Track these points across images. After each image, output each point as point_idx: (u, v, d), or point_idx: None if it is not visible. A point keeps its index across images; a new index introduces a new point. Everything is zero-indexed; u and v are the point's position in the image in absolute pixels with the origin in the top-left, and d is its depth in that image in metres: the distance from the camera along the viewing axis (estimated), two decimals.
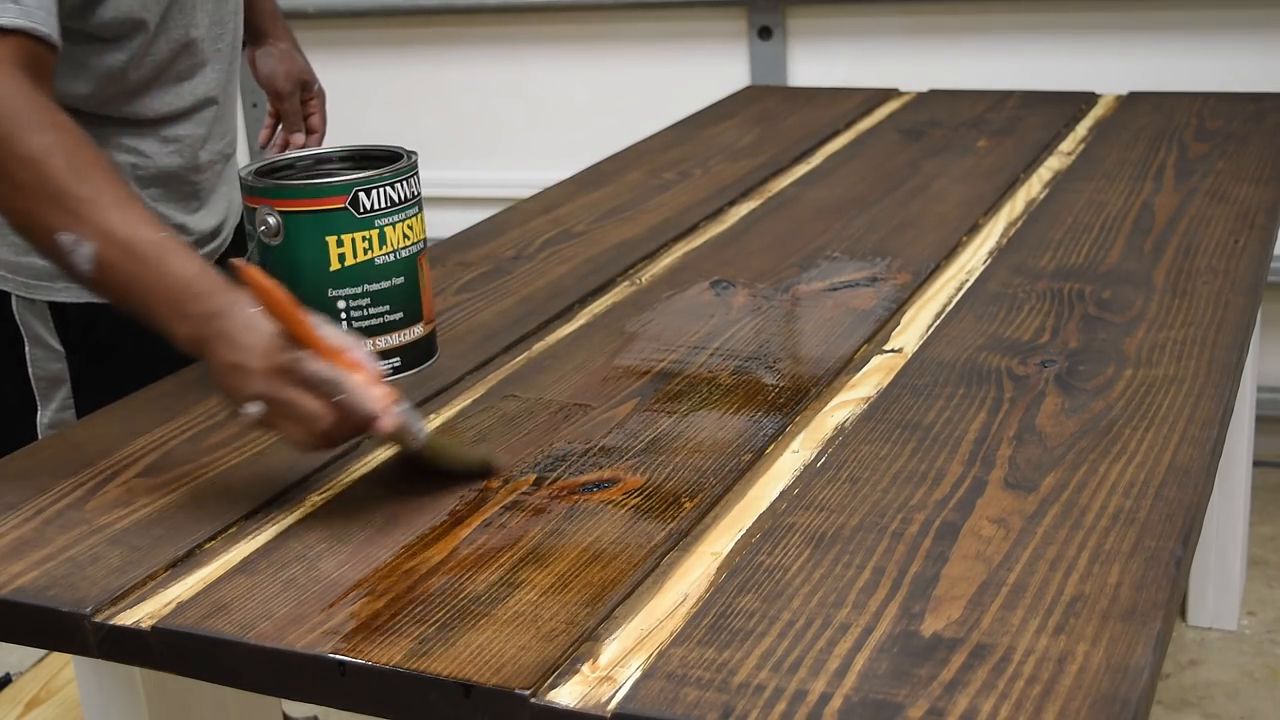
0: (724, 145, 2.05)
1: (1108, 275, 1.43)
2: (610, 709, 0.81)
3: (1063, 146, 1.94)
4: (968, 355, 1.26)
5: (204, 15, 1.43)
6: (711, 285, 1.48)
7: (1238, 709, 2.10)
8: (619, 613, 0.90)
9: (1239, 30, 2.56)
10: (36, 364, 1.43)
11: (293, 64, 1.70)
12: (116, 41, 1.35)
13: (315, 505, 1.06)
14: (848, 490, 1.03)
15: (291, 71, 1.69)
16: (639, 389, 1.23)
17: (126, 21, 1.33)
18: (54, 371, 1.43)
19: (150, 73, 1.40)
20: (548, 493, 1.06)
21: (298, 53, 1.71)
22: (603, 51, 2.94)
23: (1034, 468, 1.05)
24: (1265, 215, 1.59)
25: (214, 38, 1.46)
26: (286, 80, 1.68)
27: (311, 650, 0.88)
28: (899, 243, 1.57)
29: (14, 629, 0.97)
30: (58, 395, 1.44)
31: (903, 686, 0.81)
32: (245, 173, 1.25)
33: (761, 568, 0.94)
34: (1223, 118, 2.03)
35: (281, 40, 1.70)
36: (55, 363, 1.43)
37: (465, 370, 1.29)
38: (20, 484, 1.12)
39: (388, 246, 1.24)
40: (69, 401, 1.44)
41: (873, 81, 2.53)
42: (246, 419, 1.02)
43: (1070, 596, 0.88)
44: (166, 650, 0.92)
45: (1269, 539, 2.54)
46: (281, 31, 1.71)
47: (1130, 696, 0.79)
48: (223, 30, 1.47)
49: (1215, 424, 1.11)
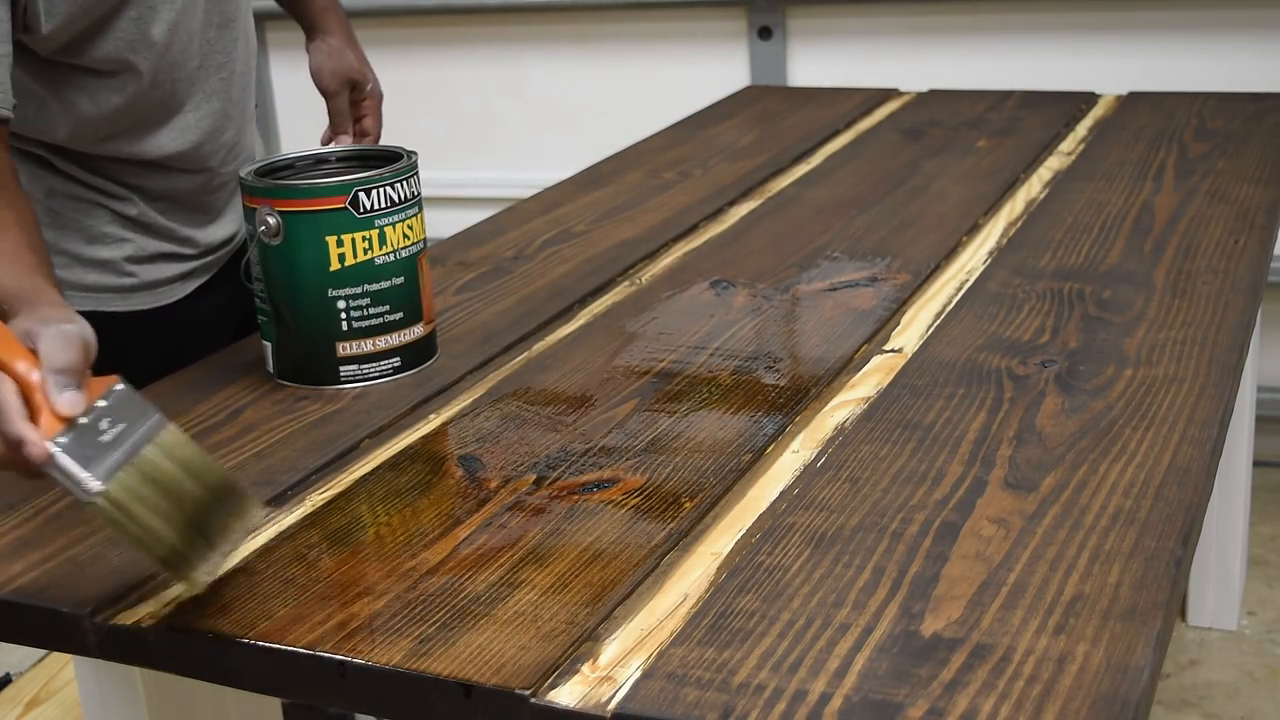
0: (724, 145, 2.05)
1: (1108, 275, 1.43)
2: (610, 709, 0.81)
3: (1063, 146, 1.94)
4: (968, 355, 1.26)
5: (203, 46, 1.39)
6: (711, 285, 1.48)
7: (1238, 709, 2.10)
8: (619, 613, 0.90)
9: (1239, 30, 2.56)
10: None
11: (340, 61, 1.57)
12: (110, 80, 1.33)
13: (315, 505, 1.06)
14: (848, 490, 1.03)
15: (338, 70, 1.57)
16: (639, 389, 1.23)
17: (118, 61, 1.31)
18: None
19: (149, 112, 1.37)
20: (548, 493, 1.06)
21: (350, 49, 1.58)
22: (603, 51, 2.94)
23: (1034, 468, 1.05)
24: (1265, 215, 1.59)
25: (218, 66, 1.42)
26: (332, 79, 1.57)
27: (311, 650, 0.88)
28: (899, 243, 1.57)
29: (14, 629, 0.97)
30: None
31: (903, 686, 0.81)
32: (245, 173, 1.25)
33: (761, 568, 0.94)
34: (1223, 118, 2.03)
35: (332, 35, 1.58)
36: None
37: (465, 370, 1.29)
38: (20, 484, 1.11)
39: (388, 246, 1.24)
40: None
41: (873, 81, 2.53)
42: None
43: (1070, 596, 0.88)
44: (166, 650, 0.92)
45: (1269, 539, 2.54)
46: (334, 25, 1.59)
47: (1130, 696, 0.79)
48: (229, 58, 1.44)
49: (1215, 424, 1.11)
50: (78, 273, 1.40)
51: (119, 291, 1.43)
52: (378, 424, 1.19)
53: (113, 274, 1.42)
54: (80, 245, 1.40)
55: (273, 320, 1.26)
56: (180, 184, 1.44)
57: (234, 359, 1.35)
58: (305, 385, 1.26)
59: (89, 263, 1.41)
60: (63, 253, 1.39)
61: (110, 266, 1.42)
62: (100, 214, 1.40)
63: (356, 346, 1.25)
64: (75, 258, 1.40)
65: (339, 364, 1.25)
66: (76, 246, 1.40)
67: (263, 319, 1.27)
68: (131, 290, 1.44)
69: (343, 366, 1.25)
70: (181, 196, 1.45)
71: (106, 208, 1.41)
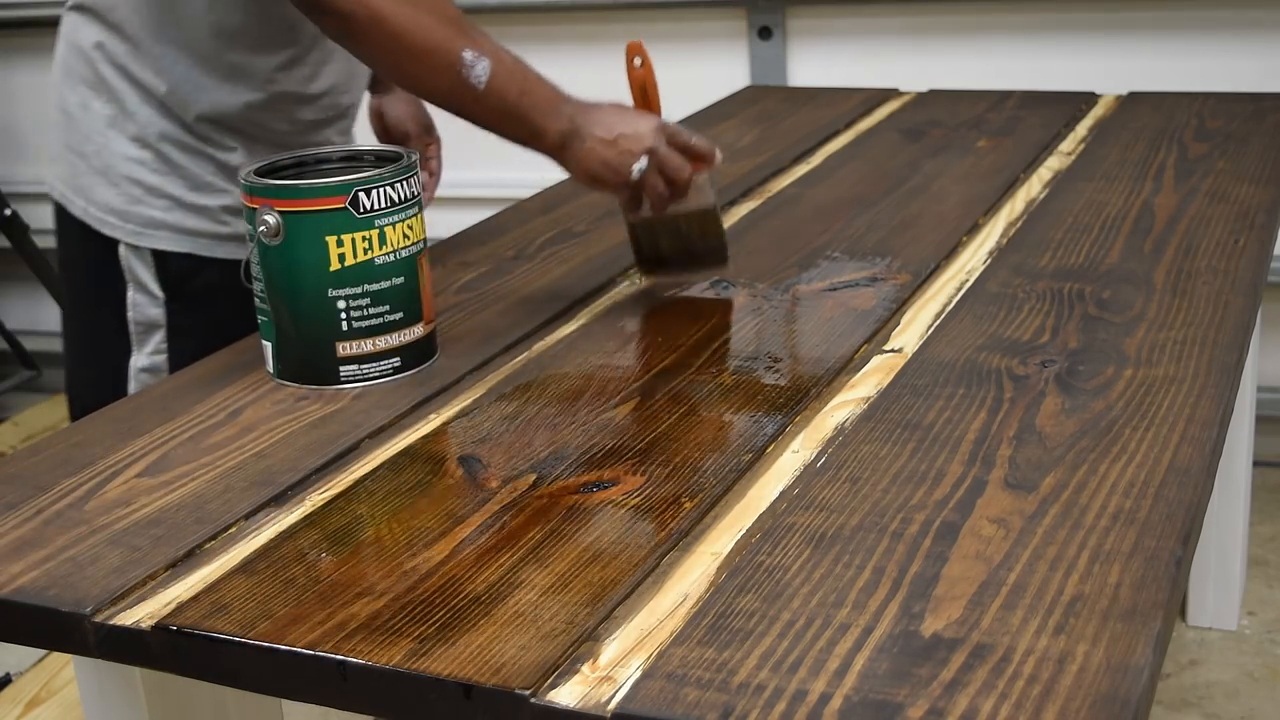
0: (724, 145, 2.05)
1: (1108, 275, 1.43)
2: (610, 709, 0.81)
3: (1063, 146, 1.94)
4: (968, 355, 1.26)
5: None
6: (711, 285, 1.48)
7: (1238, 709, 2.10)
8: (619, 613, 0.90)
9: (1239, 30, 2.56)
10: (136, 309, 1.53)
11: (418, 107, 1.75)
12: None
13: (315, 505, 1.06)
14: (848, 490, 1.03)
15: (418, 115, 1.76)
16: (639, 389, 1.23)
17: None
18: (151, 317, 1.53)
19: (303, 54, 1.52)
20: (548, 493, 1.06)
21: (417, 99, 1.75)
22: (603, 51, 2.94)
23: (1034, 468, 1.05)
24: (1265, 215, 1.59)
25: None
26: (414, 123, 1.75)
27: (312, 650, 0.88)
28: (899, 243, 1.57)
29: (14, 629, 0.97)
30: (152, 340, 1.53)
31: (903, 686, 0.81)
32: (245, 173, 1.25)
33: (761, 568, 0.94)
34: (1223, 118, 2.03)
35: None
36: (154, 308, 1.53)
37: (465, 370, 1.29)
38: (20, 484, 1.12)
39: (388, 246, 1.24)
40: (162, 347, 1.53)
41: (873, 81, 2.53)
42: (635, 174, 1.34)
43: (1070, 596, 0.88)
44: (166, 650, 0.92)
45: (1269, 539, 2.54)
46: None
47: (1130, 696, 0.79)
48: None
49: (1215, 424, 1.11)
50: (178, 215, 1.51)
51: (214, 238, 1.53)
52: (378, 424, 1.19)
53: (210, 221, 1.52)
54: (183, 190, 1.51)
55: (273, 320, 1.26)
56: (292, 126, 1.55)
57: (234, 359, 1.35)
58: (305, 385, 1.26)
59: (189, 208, 1.51)
60: (167, 196, 1.50)
61: (208, 214, 1.52)
62: (206, 164, 1.51)
63: (356, 346, 1.25)
64: (177, 201, 1.50)
65: (339, 364, 1.25)
66: (179, 191, 1.50)
67: (263, 319, 1.27)
68: (225, 239, 1.53)
69: (343, 366, 1.25)
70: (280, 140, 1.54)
71: (212, 158, 1.51)
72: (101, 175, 1.50)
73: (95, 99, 1.50)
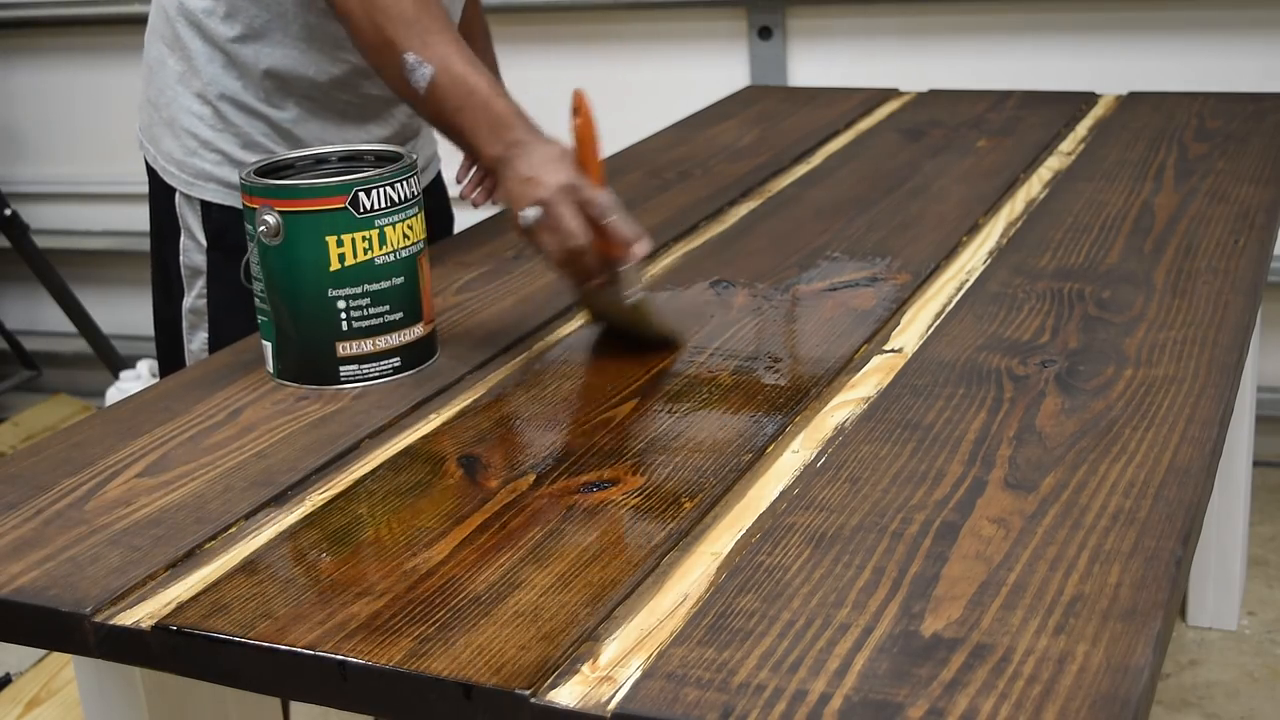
0: (724, 145, 2.05)
1: (1108, 275, 1.43)
2: (610, 709, 0.81)
3: (1063, 146, 1.94)
4: (968, 355, 1.26)
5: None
6: (711, 285, 1.48)
7: (1238, 709, 2.10)
8: (619, 613, 0.90)
9: (1239, 30, 2.56)
10: (186, 254, 1.60)
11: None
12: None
13: (315, 505, 1.06)
14: (848, 490, 1.03)
15: None
16: (639, 389, 1.23)
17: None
18: (196, 263, 1.59)
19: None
20: (548, 493, 1.06)
21: None
22: (603, 51, 2.94)
23: (1034, 468, 1.05)
24: (1265, 215, 1.59)
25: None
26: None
27: (312, 650, 0.88)
28: (899, 243, 1.57)
29: (14, 629, 0.97)
30: (197, 284, 1.60)
31: (903, 686, 0.81)
32: (245, 173, 1.25)
33: (761, 568, 0.94)
34: (1223, 118, 2.03)
35: None
36: (198, 254, 1.59)
37: (465, 370, 1.29)
38: (20, 484, 1.12)
39: (388, 246, 1.24)
40: (204, 292, 1.59)
41: (873, 81, 2.53)
42: (524, 222, 1.23)
43: (1070, 596, 0.88)
44: (166, 650, 0.92)
45: (1269, 539, 2.54)
46: None
47: (1130, 696, 0.79)
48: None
49: (1215, 424, 1.11)
50: (225, 170, 1.55)
51: None
52: (378, 424, 1.19)
53: None
54: (234, 147, 1.55)
55: (273, 320, 1.26)
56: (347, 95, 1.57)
57: (234, 359, 1.35)
58: (305, 385, 1.26)
59: (237, 163, 1.53)
60: (219, 150, 1.55)
61: None
62: (259, 123, 1.55)
63: (356, 346, 1.25)
64: (227, 156, 1.55)
65: (339, 364, 1.25)
66: (230, 147, 1.55)
67: (262, 319, 1.27)
68: None
69: (343, 366, 1.25)
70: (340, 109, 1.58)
71: (266, 117, 1.55)
72: (168, 126, 1.58)
73: (170, 56, 1.56)
